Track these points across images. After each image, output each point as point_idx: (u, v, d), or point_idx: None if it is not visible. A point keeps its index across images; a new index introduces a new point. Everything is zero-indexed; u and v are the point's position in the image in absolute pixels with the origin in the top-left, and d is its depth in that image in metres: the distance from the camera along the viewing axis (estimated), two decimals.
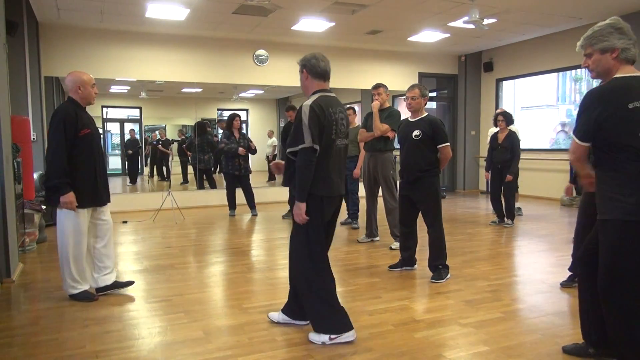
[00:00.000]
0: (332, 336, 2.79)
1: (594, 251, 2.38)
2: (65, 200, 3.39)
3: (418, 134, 4.04)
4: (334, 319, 2.81)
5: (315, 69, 2.89)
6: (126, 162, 11.59)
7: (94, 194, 3.58)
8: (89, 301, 3.57)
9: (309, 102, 2.82)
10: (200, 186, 9.61)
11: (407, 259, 4.36)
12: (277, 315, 3.14)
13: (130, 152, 11.24)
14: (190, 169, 10.69)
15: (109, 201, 3.75)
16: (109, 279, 3.73)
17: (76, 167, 3.48)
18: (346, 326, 2.82)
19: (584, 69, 8.81)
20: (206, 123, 10.14)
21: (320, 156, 2.78)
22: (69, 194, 3.39)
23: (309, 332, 2.89)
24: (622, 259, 2.23)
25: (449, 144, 4.09)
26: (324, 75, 2.93)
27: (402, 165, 4.22)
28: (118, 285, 3.78)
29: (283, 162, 2.96)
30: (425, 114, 4.14)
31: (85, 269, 3.62)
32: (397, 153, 4.67)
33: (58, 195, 3.40)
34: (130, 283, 3.89)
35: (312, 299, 2.85)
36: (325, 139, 2.80)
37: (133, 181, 11.32)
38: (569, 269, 3.95)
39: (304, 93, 3.01)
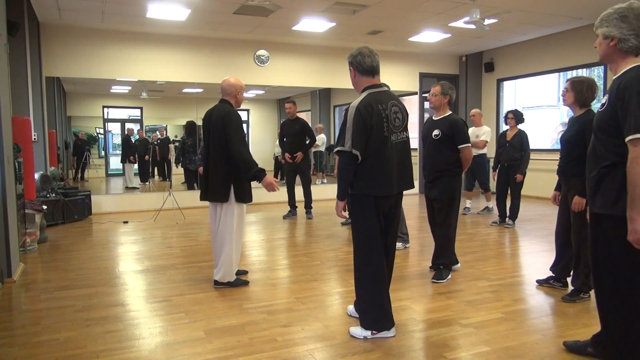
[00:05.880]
0: (375, 332, 2.86)
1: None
2: (268, 181, 3.73)
3: (437, 133, 4.01)
4: (378, 316, 2.86)
5: (361, 66, 2.85)
6: (128, 162, 11.52)
7: (249, 190, 3.91)
8: (245, 286, 3.94)
9: (356, 102, 2.78)
10: (190, 187, 9.61)
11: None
12: (352, 308, 3.23)
13: (147, 157, 11.12)
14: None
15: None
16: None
17: (235, 165, 3.72)
18: (389, 324, 2.88)
19: (584, 70, 8.87)
20: (194, 122, 10.05)
21: (373, 156, 2.76)
22: (267, 176, 3.72)
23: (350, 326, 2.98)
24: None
25: (469, 144, 4.04)
26: (372, 71, 2.86)
27: (423, 164, 4.22)
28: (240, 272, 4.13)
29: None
30: (449, 112, 4.09)
31: None
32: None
33: (258, 180, 3.71)
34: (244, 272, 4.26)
35: (362, 294, 2.92)
36: (376, 138, 2.75)
37: (144, 180, 11.28)
38: (550, 268, 3.88)
39: (355, 90, 2.97)
